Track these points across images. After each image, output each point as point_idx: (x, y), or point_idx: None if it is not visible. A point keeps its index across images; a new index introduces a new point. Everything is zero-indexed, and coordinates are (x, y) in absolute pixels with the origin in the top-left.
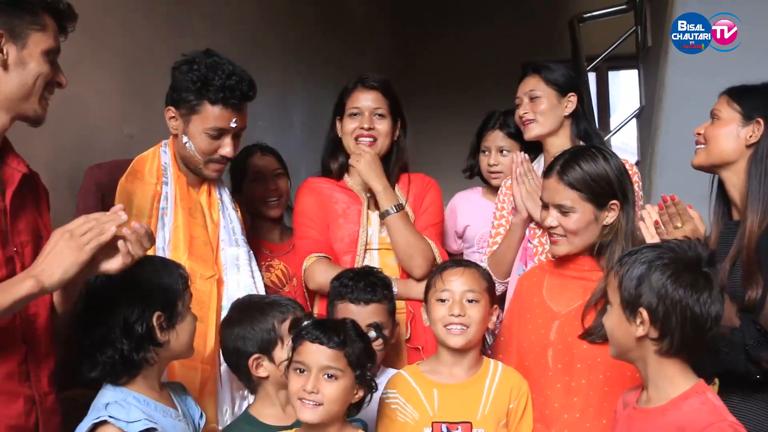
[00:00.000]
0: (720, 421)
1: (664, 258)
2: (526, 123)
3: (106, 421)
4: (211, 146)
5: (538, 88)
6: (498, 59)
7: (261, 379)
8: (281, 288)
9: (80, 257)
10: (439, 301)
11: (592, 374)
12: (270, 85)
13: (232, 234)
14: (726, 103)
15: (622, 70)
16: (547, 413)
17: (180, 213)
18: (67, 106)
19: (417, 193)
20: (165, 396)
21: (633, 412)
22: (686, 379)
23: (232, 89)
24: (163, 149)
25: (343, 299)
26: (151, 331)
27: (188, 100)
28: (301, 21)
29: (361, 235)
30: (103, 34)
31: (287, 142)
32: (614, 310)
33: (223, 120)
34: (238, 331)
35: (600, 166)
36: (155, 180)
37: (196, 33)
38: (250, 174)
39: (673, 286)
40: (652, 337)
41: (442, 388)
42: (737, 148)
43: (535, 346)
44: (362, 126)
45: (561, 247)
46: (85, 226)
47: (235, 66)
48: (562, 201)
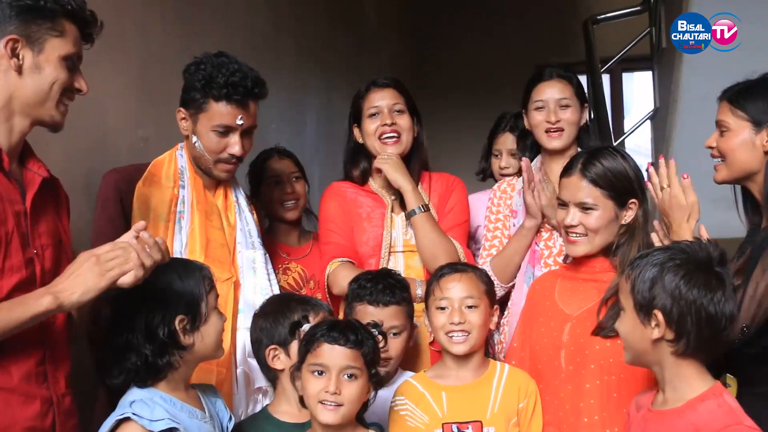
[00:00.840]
0: (736, 424)
1: (675, 259)
2: (554, 132)
3: (130, 418)
4: (219, 144)
5: (567, 96)
6: (512, 61)
7: (278, 372)
8: (298, 291)
9: (101, 283)
10: (438, 309)
11: (605, 375)
12: (283, 87)
13: (249, 237)
14: (729, 111)
15: (636, 71)
16: (560, 415)
17: (197, 216)
18: (81, 110)
19: (442, 192)
20: (192, 397)
21: (648, 414)
22: (703, 381)
23: (235, 85)
24: (179, 152)
25: (361, 301)
26: (174, 335)
27: (195, 99)
28: (315, 23)
29: (385, 238)
30: (116, 37)
31: (301, 145)
32: (627, 314)
33: (228, 117)
34: (263, 322)
35: (620, 164)
36: (172, 183)
37: (210, 36)
38: (268, 177)
39: (687, 287)
40: (668, 338)
41: (450, 391)
42: (757, 156)
43: (548, 349)
44: (384, 123)
45: (580, 247)
46: (111, 254)
47: (242, 65)
48: (585, 198)
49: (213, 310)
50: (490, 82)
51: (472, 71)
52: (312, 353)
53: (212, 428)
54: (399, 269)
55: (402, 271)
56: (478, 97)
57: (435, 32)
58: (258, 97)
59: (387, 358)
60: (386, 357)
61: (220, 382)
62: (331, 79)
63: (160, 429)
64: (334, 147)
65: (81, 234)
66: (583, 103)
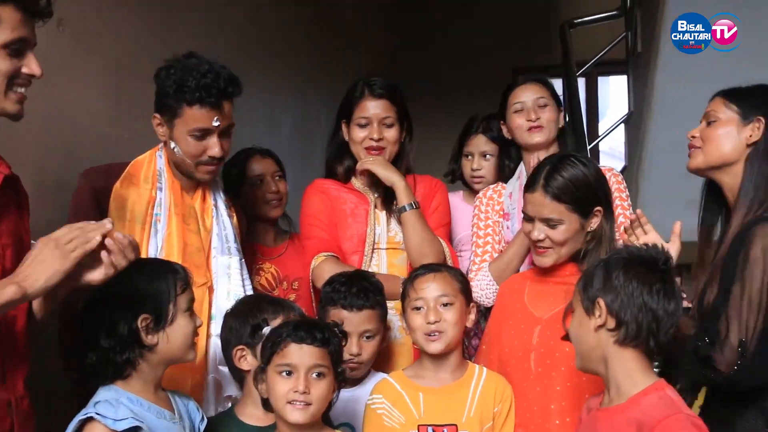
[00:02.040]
0: (677, 413)
1: (617, 255)
2: (535, 129)
3: (93, 418)
4: (198, 148)
5: (545, 95)
6: (489, 64)
7: (245, 373)
8: (271, 291)
9: (64, 265)
10: (414, 310)
11: (576, 377)
12: (258, 88)
13: (225, 242)
14: (722, 104)
15: (611, 75)
16: (528, 417)
17: (174, 220)
18: (53, 109)
19: (424, 194)
20: (162, 398)
21: (597, 413)
22: (646, 377)
23: (208, 88)
24: (158, 153)
25: (335, 305)
26: (135, 334)
27: (169, 105)
28: (291, 24)
29: (369, 234)
30: (89, 36)
31: (275, 146)
32: (577, 313)
33: (203, 120)
34: (232, 322)
35: (581, 173)
36: (150, 185)
37: (184, 36)
38: (250, 177)
39: (626, 277)
40: (609, 327)
41: (427, 392)
42: (737, 147)
43: (518, 351)
44: (371, 137)
45: (548, 258)
46: (70, 235)
47: (214, 64)
48: (549, 215)
49: (183, 312)
50: (467, 84)
51: (449, 73)
52: (279, 354)
53: (182, 429)
54: (382, 266)
55: (385, 268)
56: (454, 99)
57: (412, 34)
58: (232, 95)
59: (359, 362)
60: (359, 361)
61: (194, 386)
62: (307, 79)
63: (123, 428)
64: (309, 147)
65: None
66: (558, 107)
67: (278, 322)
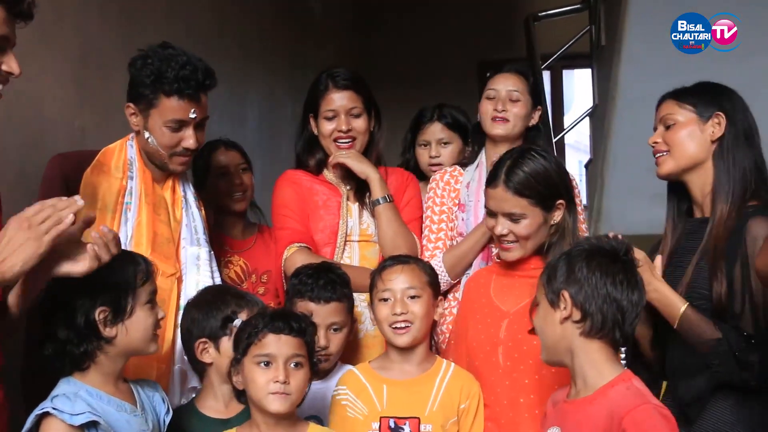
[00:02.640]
0: (645, 404)
1: (579, 247)
2: (499, 120)
3: (50, 412)
4: (173, 139)
5: (519, 89)
6: (455, 56)
7: (206, 366)
8: (240, 284)
9: (40, 248)
10: (381, 301)
11: (543, 370)
12: (224, 79)
13: (194, 233)
14: (676, 105)
15: (576, 69)
16: (498, 411)
17: (144, 209)
18: (17, 101)
19: (397, 186)
20: (124, 390)
21: (563, 405)
22: (612, 369)
23: (187, 79)
24: (129, 143)
25: (302, 297)
26: (92, 326)
27: (145, 95)
28: (258, 15)
29: (341, 227)
30: (54, 26)
31: (242, 137)
32: (542, 306)
33: (181, 112)
34: (195, 313)
35: (542, 167)
36: (121, 174)
37: (150, 26)
38: (215, 169)
39: (589, 268)
40: (575, 319)
41: (391, 384)
42: (704, 146)
43: (485, 345)
44: (340, 129)
45: (513, 253)
46: (42, 214)
47: (191, 56)
48: (511, 209)
49: (143, 304)
50: (433, 76)
51: (415, 66)
52: (256, 345)
53: (144, 422)
54: (354, 258)
55: (357, 260)
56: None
57: (379, 26)
58: (209, 87)
59: (327, 354)
60: (327, 353)
61: (159, 377)
62: (274, 71)
63: (80, 423)
64: (276, 140)
65: None
66: (536, 104)
67: (243, 317)
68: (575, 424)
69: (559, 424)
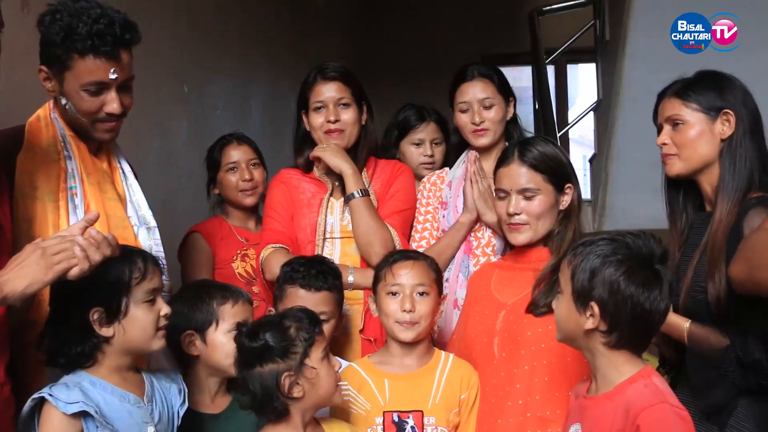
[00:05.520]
0: (662, 403)
1: (618, 254)
2: (479, 131)
3: (45, 398)
4: (93, 104)
5: (490, 95)
6: (458, 51)
7: (192, 359)
8: (254, 279)
9: (47, 277)
10: (389, 295)
11: (535, 360)
12: (229, 73)
13: (138, 209)
14: (682, 105)
15: (580, 63)
16: (493, 401)
17: (89, 190)
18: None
19: (386, 179)
20: (132, 381)
21: (584, 401)
22: (632, 366)
23: (101, 35)
24: (53, 115)
25: (293, 284)
26: (89, 326)
27: (56, 56)
28: (261, 9)
29: (320, 223)
30: None
31: (245, 131)
32: (565, 298)
33: (98, 72)
34: (178, 307)
35: (553, 150)
36: (57, 155)
37: (155, 21)
38: (225, 164)
39: (626, 283)
40: (601, 330)
41: (393, 379)
42: (714, 144)
43: (482, 337)
44: (328, 119)
45: (523, 235)
46: (58, 247)
47: (106, 8)
48: (526, 184)
49: (140, 303)
50: (436, 70)
51: (418, 60)
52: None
53: (147, 413)
54: (335, 255)
55: (338, 257)
56: (423, 85)
57: (382, 19)
58: (130, 43)
59: None
60: None
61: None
62: (277, 65)
63: (72, 411)
64: (280, 134)
65: None
66: (508, 98)
67: (228, 308)
68: (594, 420)
69: (580, 420)
